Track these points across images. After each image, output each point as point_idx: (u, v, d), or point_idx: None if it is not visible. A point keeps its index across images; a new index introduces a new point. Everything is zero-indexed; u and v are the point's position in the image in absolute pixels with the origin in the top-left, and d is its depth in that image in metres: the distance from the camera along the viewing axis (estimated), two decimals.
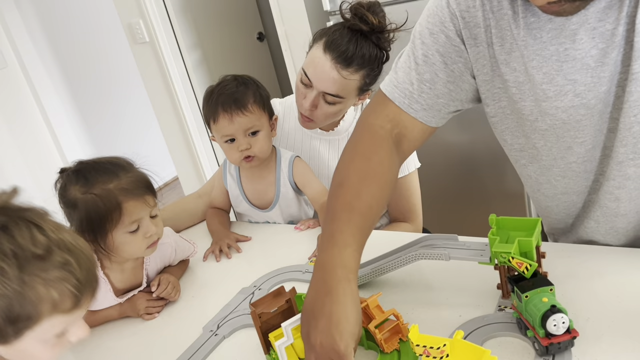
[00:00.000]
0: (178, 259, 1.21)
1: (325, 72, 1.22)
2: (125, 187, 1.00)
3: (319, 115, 1.29)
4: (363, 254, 1.11)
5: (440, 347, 0.69)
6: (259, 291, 1.07)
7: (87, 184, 0.99)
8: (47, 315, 0.67)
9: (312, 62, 1.24)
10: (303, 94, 1.28)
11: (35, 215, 0.70)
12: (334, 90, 1.23)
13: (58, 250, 0.68)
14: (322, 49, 1.23)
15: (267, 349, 0.87)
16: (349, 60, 1.21)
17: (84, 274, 0.70)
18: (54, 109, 3.48)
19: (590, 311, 0.83)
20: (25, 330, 0.68)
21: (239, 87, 1.24)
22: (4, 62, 3.22)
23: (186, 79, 2.89)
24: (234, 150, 1.26)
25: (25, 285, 0.65)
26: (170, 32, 2.79)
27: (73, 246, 0.70)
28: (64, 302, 0.68)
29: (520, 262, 0.79)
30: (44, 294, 0.66)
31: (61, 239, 0.69)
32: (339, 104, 1.27)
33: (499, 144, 2.23)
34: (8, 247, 0.65)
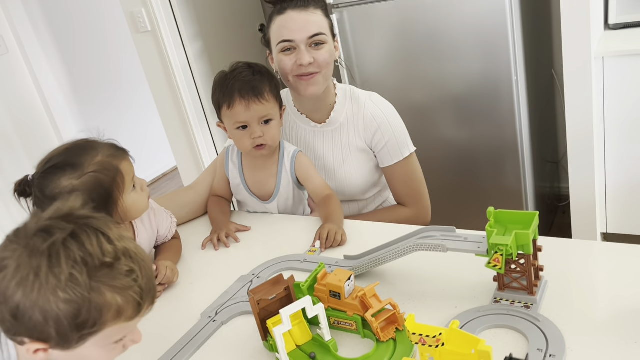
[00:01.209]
0: (162, 225, 1.23)
1: (297, 20, 1.27)
2: (110, 153, 1.04)
3: (321, 65, 1.30)
4: (361, 244, 1.13)
5: (436, 336, 0.70)
6: (257, 279, 1.08)
7: (76, 168, 0.99)
8: (111, 322, 0.68)
9: (281, 26, 1.29)
10: (293, 60, 1.29)
11: (101, 224, 0.70)
12: (315, 28, 1.28)
13: (124, 259, 0.69)
14: (279, 15, 1.30)
15: (265, 336, 0.88)
16: (305, 3, 1.29)
17: (145, 282, 0.71)
18: (53, 96, 3.48)
19: (585, 304, 0.84)
20: (88, 337, 0.68)
21: (255, 75, 1.25)
22: (5, 48, 3.22)
23: (187, 69, 2.88)
24: (246, 138, 1.26)
25: (93, 292, 0.66)
26: (172, 21, 2.78)
27: (136, 255, 0.71)
28: (127, 309, 0.69)
29: (498, 260, 0.81)
30: (111, 301, 0.67)
31: (126, 247, 0.70)
32: (326, 45, 1.31)
33: (497, 140, 2.25)
34: (78, 254, 0.66)
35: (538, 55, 2.19)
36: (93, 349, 0.71)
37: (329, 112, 1.40)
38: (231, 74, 1.26)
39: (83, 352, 0.70)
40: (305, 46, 1.28)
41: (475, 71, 2.00)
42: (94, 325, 0.67)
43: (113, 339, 0.71)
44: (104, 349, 0.72)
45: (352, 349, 0.85)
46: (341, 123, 1.39)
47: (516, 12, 1.89)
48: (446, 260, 0.98)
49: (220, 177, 1.42)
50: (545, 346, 0.76)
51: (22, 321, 0.66)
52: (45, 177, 0.99)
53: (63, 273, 0.64)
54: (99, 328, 0.68)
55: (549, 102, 2.43)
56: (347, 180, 1.40)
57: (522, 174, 2.10)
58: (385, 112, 1.38)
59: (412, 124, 1.49)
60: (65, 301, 0.65)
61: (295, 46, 1.28)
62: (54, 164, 1.00)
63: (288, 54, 1.29)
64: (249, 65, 1.28)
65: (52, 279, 0.64)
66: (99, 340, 0.70)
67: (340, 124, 1.39)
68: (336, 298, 0.88)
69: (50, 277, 0.64)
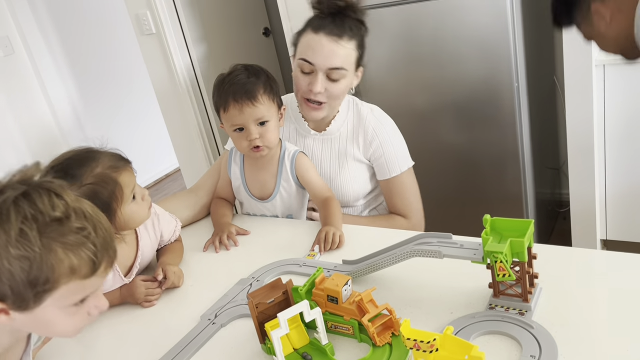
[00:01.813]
0: (166, 230, 1.24)
1: (325, 47, 1.28)
2: (110, 165, 1.04)
3: (330, 97, 1.32)
4: (359, 249, 1.14)
5: (431, 341, 0.71)
6: (256, 282, 1.09)
7: (75, 180, 1.00)
8: (65, 279, 0.70)
9: (308, 46, 1.29)
10: (307, 81, 1.31)
11: (55, 186, 0.72)
12: (338, 62, 1.28)
13: (75, 216, 0.70)
14: (312, 33, 1.29)
15: (263, 339, 0.89)
16: (340, 32, 1.28)
17: (100, 241, 0.72)
18: (58, 97, 3.50)
19: (578, 312, 0.85)
20: (44, 295, 0.70)
21: (250, 78, 1.26)
22: (11, 48, 3.24)
23: (191, 71, 2.90)
24: (242, 139, 1.28)
25: (44, 248, 0.68)
26: (177, 24, 2.80)
27: (90, 215, 0.73)
28: (81, 267, 0.70)
29: (503, 267, 0.82)
30: (63, 257, 0.69)
31: (79, 207, 0.72)
32: (343, 80, 1.31)
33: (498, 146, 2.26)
34: (29, 211, 0.68)
35: (539, 62, 2.20)
36: (53, 310, 0.72)
37: (330, 122, 1.42)
38: (227, 77, 1.27)
39: (43, 314, 0.72)
40: (323, 74, 1.29)
41: (477, 77, 2.01)
42: (46, 281, 0.68)
43: (71, 299, 0.72)
44: (64, 311, 0.73)
45: (349, 353, 0.86)
46: (340, 132, 1.41)
47: (518, 18, 1.90)
48: (442, 267, 0.99)
49: (224, 178, 1.44)
50: (538, 353, 0.77)
51: None
52: None
53: (13, 229, 0.67)
54: (53, 285, 0.69)
55: (550, 108, 2.44)
56: (343, 188, 1.42)
57: (522, 179, 2.11)
58: (386, 127, 1.40)
59: (413, 129, 1.50)
60: (17, 257, 0.67)
61: (314, 70, 1.29)
62: (53, 175, 1.01)
63: (304, 74, 1.31)
64: (246, 67, 1.29)
65: (2, 235, 0.66)
66: (57, 300, 0.71)
67: (339, 133, 1.41)
68: (333, 302, 0.89)
69: (0, 234, 0.66)
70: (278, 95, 1.31)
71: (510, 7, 1.86)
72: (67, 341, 1.07)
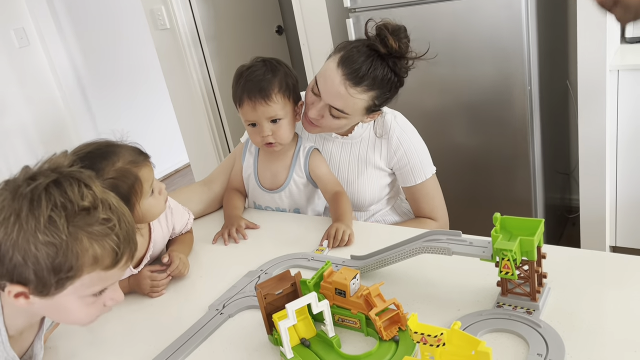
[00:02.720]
0: (178, 223, 1.25)
1: (334, 86, 1.22)
2: (131, 159, 1.05)
3: (324, 125, 1.31)
4: (368, 245, 1.14)
5: (438, 335, 0.71)
6: (265, 275, 1.10)
7: (95, 174, 1.00)
8: (88, 269, 0.71)
9: (324, 74, 1.25)
10: (312, 101, 1.29)
11: (85, 176, 0.74)
12: (339, 105, 1.24)
13: (102, 207, 0.72)
14: (336, 63, 1.23)
15: (270, 330, 0.90)
16: (359, 79, 1.21)
17: (123, 234, 0.74)
18: (71, 89, 3.53)
19: (586, 313, 0.85)
20: (66, 283, 0.71)
21: (266, 75, 1.25)
22: (27, 40, 3.28)
23: (204, 67, 2.92)
24: (256, 135, 1.29)
25: (70, 237, 0.69)
26: (191, 20, 2.82)
27: (116, 207, 0.75)
28: (104, 258, 0.72)
29: (508, 265, 0.82)
30: (87, 247, 0.70)
31: (106, 198, 0.74)
32: (343, 119, 1.28)
33: (508, 149, 2.25)
34: (59, 199, 0.70)
35: (553, 66, 2.20)
36: (72, 299, 0.74)
37: (354, 127, 1.40)
38: (245, 71, 1.27)
39: (62, 301, 0.73)
40: (324, 105, 1.26)
41: (490, 79, 2.01)
42: (70, 269, 0.70)
43: (91, 289, 0.74)
44: (83, 300, 0.75)
45: (355, 346, 0.87)
46: (362, 138, 1.40)
47: (532, 21, 1.90)
48: (451, 264, 0.99)
49: (238, 169, 1.44)
50: (545, 351, 0.77)
51: (2, 262, 0.69)
52: None
53: (42, 215, 0.68)
54: (76, 273, 0.71)
55: (563, 112, 2.43)
56: (360, 193, 1.41)
57: (532, 183, 2.10)
58: (410, 136, 1.39)
59: (424, 129, 1.50)
60: (44, 243, 0.68)
61: (319, 95, 1.26)
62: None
63: (314, 92, 1.28)
64: (265, 62, 1.28)
65: (32, 221, 0.68)
66: (78, 289, 0.73)
67: (361, 139, 1.41)
68: (341, 296, 0.89)
69: (30, 219, 0.68)
70: (295, 91, 1.30)
71: (525, 10, 1.86)
72: (76, 328, 1.08)
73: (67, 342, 1.03)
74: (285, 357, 0.83)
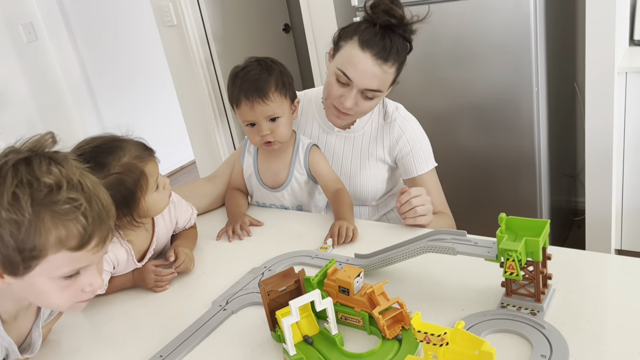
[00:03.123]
0: (181, 218, 1.25)
1: (368, 69, 1.24)
2: (137, 154, 1.05)
3: (357, 112, 1.31)
4: (372, 244, 1.14)
5: (441, 334, 0.71)
6: (268, 272, 1.10)
7: (102, 168, 1.01)
8: (52, 249, 0.70)
9: (351, 61, 1.25)
10: (340, 92, 1.29)
11: (59, 156, 0.73)
12: (376, 85, 1.26)
13: (68, 186, 0.71)
14: (358, 47, 1.24)
15: (273, 326, 0.90)
16: (388, 55, 1.24)
17: (93, 215, 0.72)
18: (78, 85, 3.55)
19: (591, 315, 0.84)
20: (32, 262, 0.70)
21: (261, 74, 1.26)
22: (34, 35, 3.29)
23: (210, 65, 2.92)
24: (254, 134, 1.30)
25: (34, 215, 0.68)
26: (198, 17, 2.83)
27: (88, 188, 0.73)
28: (69, 238, 0.71)
29: (513, 266, 0.82)
30: (50, 227, 0.69)
31: (77, 178, 0.72)
32: (376, 98, 1.30)
33: (514, 150, 2.24)
34: (25, 176, 0.69)
35: (561, 67, 2.19)
36: (43, 280, 0.73)
37: (355, 120, 1.41)
38: (240, 72, 1.28)
39: (35, 282, 0.73)
40: (357, 91, 1.27)
41: (497, 80, 2.01)
42: (33, 248, 0.69)
43: (60, 271, 0.73)
44: (55, 283, 0.74)
45: (358, 344, 0.87)
46: (364, 131, 1.40)
47: (540, 23, 1.89)
48: (456, 264, 0.99)
49: (238, 169, 1.45)
50: (549, 352, 0.76)
51: None
52: None
53: (7, 192, 0.68)
54: (40, 253, 0.70)
55: (570, 114, 2.42)
56: (362, 186, 1.41)
57: (537, 185, 2.09)
58: (412, 125, 1.39)
59: (430, 130, 1.49)
60: (7, 220, 0.68)
61: (350, 84, 1.26)
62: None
63: (338, 84, 1.28)
64: (259, 61, 1.28)
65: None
66: (46, 270, 0.72)
67: (363, 132, 1.41)
68: (345, 294, 0.89)
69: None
70: (291, 89, 1.31)
71: (534, 11, 1.85)
72: (79, 321, 1.09)
73: (70, 336, 1.03)
74: (288, 354, 0.83)
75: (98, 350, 0.98)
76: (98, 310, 1.10)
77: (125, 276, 1.14)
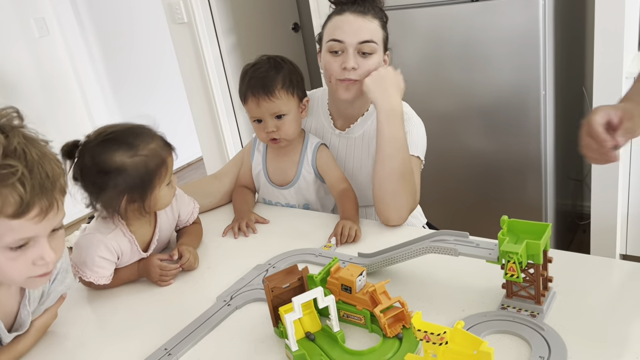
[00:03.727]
0: (183, 211, 1.27)
1: (353, 23, 1.27)
2: (162, 145, 1.10)
3: (362, 73, 1.30)
4: (375, 244, 1.15)
5: (441, 334, 0.72)
6: (272, 269, 1.11)
7: (132, 148, 1.05)
8: None
9: (336, 26, 1.29)
10: (339, 62, 1.29)
11: (7, 126, 0.74)
12: (367, 35, 1.28)
13: (8, 154, 0.72)
14: (337, 15, 1.30)
15: (276, 322, 0.91)
16: (364, 10, 1.29)
17: (34, 184, 0.73)
18: (88, 80, 3.58)
19: (591, 318, 0.85)
20: None
21: (269, 72, 1.28)
22: (46, 30, 3.32)
23: (219, 62, 2.94)
24: (261, 131, 1.32)
25: None
26: (208, 14, 2.85)
27: (32, 158, 0.74)
28: (6, 206, 0.72)
29: (514, 268, 0.82)
30: None
31: (20, 148, 0.73)
32: (375, 55, 1.30)
33: (521, 154, 2.24)
34: None
35: (569, 71, 2.18)
36: None
37: (355, 120, 1.41)
38: (250, 68, 1.30)
39: None
40: (354, 50, 1.28)
41: (504, 83, 2.01)
42: None
43: (4, 240, 0.74)
44: (3, 254, 0.75)
45: (359, 342, 0.88)
46: (364, 131, 1.40)
47: (549, 26, 1.89)
48: (457, 265, 1.00)
49: (247, 166, 1.46)
50: (547, 354, 0.77)
51: None
52: (102, 146, 1.04)
53: None
54: None
55: (577, 118, 2.40)
56: (364, 186, 1.41)
57: (543, 188, 2.09)
58: (411, 115, 1.37)
59: (436, 131, 1.50)
60: None
61: (344, 48, 1.28)
62: (113, 137, 1.06)
63: (335, 56, 1.29)
64: (269, 59, 1.31)
65: None
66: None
67: (363, 133, 1.40)
68: (347, 292, 0.91)
69: None
70: (300, 87, 1.32)
71: (543, 14, 1.85)
72: (84, 314, 1.11)
73: (76, 329, 1.05)
74: (290, 350, 0.84)
75: (103, 343, 1.00)
76: (103, 303, 1.12)
77: (131, 269, 1.16)
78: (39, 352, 0.98)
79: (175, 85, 3.65)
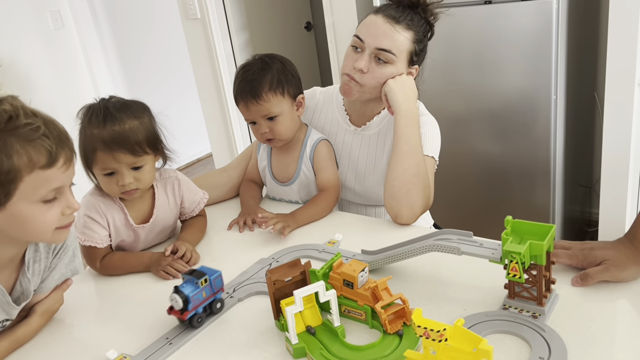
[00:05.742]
0: (187, 198, 1.28)
1: (378, 26, 1.26)
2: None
3: (368, 79, 1.28)
4: (380, 241, 1.15)
5: (441, 330, 0.72)
6: (276, 263, 1.12)
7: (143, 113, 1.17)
8: (26, 169, 0.79)
9: (364, 23, 1.29)
10: (354, 58, 1.29)
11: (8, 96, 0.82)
12: (387, 44, 1.26)
13: (24, 114, 0.80)
14: (372, 14, 1.29)
15: (277, 315, 0.91)
16: (399, 18, 1.26)
17: (54, 135, 0.82)
18: (102, 73, 3.61)
19: (593, 321, 0.85)
20: (10, 187, 0.79)
21: (258, 74, 1.27)
22: (62, 22, 3.35)
23: (231, 59, 2.96)
24: (256, 132, 1.33)
25: (1, 141, 0.77)
26: (221, 11, 2.86)
27: (42, 114, 0.83)
28: (39, 157, 0.80)
29: (516, 268, 0.82)
30: (19, 148, 0.78)
31: (29, 108, 0.82)
32: (390, 66, 1.28)
33: (530, 158, 2.23)
34: None
35: (581, 77, 2.17)
36: (24, 205, 0.81)
37: (372, 117, 1.40)
38: (240, 70, 1.30)
39: (17, 210, 0.81)
40: (370, 53, 1.27)
41: (515, 86, 2.00)
42: (8, 172, 0.78)
43: (39, 193, 0.81)
44: (36, 207, 0.82)
45: (360, 337, 0.88)
46: (380, 129, 1.39)
47: (562, 31, 1.88)
48: (460, 264, 1.00)
49: (254, 162, 1.47)
50: (547, 355, 0.77)
51: None
52: (122, 103, 1.15)
53: None
54: (16, 175, 0.78)
55: (588, 124, 2.40)
56: (376, 186, 1.40)
57: (551, 194, 2.08)
58: (426, 114, 1.37)
59: (447, 133, 1.49)
60: None
61: (363, 48, 1.27)
62: (131, 102, 1.16)
63: (354, 52, 1.29)
64: (260, 59, 1.30)
65: None
66: (26, 194, 0.80)
67: (378, 130, 1.39)
68: (349, 287, 0.91)
69: None
70: (292, 85, 1.30)
71: (556, 18, 1.85)
72: (89, 303, 1.12)
73: (80, 318, 1.06)
74: (290, 343, 0.85)
75: (106, 333, 1.01)
76: (107, 293, 1.13)
77: (139, 258, 1.17)
78: (41, 340, 0.99)
79: (187, 80, 3.67)
